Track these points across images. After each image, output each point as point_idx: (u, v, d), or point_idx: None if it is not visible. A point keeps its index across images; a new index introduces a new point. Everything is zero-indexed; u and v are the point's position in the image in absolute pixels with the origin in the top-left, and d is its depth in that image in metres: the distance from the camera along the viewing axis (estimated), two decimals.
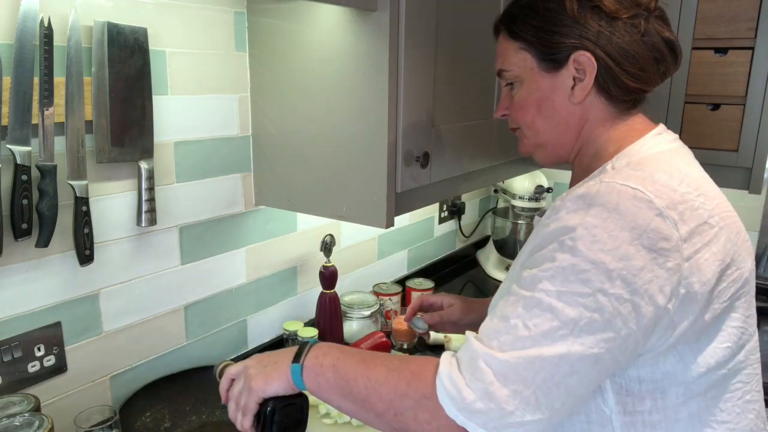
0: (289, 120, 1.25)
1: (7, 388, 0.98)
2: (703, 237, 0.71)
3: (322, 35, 1.15)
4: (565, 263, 0.68)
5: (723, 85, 1.50)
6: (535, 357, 0.66)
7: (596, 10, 0.80)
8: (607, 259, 0.67)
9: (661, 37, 0.81)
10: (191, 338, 1.29)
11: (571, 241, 0.68)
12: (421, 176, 1.22)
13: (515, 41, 0.87)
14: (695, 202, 0.72)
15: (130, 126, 1.07)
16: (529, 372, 0.66)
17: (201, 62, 1.20)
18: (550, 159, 0.92)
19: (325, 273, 1.45)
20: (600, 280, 0.67)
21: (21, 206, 0.93)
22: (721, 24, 1.47)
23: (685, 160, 0.80)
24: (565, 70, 0.83)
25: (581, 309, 0.67)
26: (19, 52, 0.90)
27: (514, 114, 0.91)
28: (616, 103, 0.84)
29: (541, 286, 0.69)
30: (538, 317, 0.68)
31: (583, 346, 0.66)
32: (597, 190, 0.70)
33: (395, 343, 1.57)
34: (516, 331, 0.68)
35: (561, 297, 0.67)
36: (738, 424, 0.77)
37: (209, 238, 1.29)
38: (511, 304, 0.71)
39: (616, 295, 0.66)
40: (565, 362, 0.66)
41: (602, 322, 0.66)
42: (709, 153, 1.55)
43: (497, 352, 0.68)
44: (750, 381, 0.79)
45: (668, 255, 0.68)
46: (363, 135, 1.14)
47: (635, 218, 0.68)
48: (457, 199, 2.19)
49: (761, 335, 1.76)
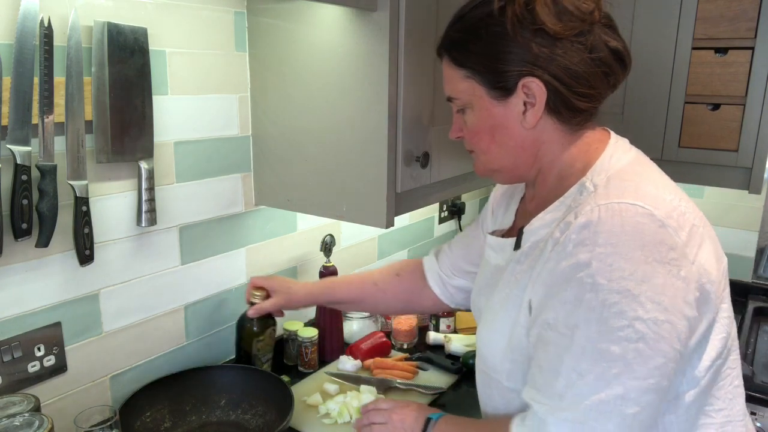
0: (289, 120, 1.25)
1: (7, 388, 0.98)
2: (697, 239, 0.71)
3: (322, 35, 1.15)
4: (593, 303, 0.67)
5: (723, 85, 1.50)
6: (599, 403, 0.66)
7: (540, 32, 0.76)
8: (630, 285, 0.66)
9: (608, 48, 0.78)
10: (191, 338, 1.29)
11: (590, 278, 0.67)
12: (421, 176, 1.22)
13: (460, 69, 0.83)
14: (681, 207, 0.72)
15: (130, 126, 1.07)
16: (600, 422, 0.67)
17: (201, 62, 1.20)
18: (507, 181, 0.93)
19: (325, 273, 1.45)
20: (632, 308, 0.65)
21: (21, 206, 0.93)
22: (721, 24, 1.47)
23: (653, 167, 0.81)
24: (515, 97, 0.80)
25: (625, 343, 0.66)
26: (19, 52, 0.90)
27: (468, 138, 0.89)
28: (568, 123, 0.82)
29: (580, 333, 0.68)
30: (587, 363, 0.67)
31: (638, 380, 0.66)
32: (598, 216, 0.69)
33: (395, 343, 1.57)
34: (571, 383, 0.68)
35: (602, 337, 0.67)
36: (732, 410, 0.79)
37: (209, 238, 1.29)
38: (556, 356, 0.71)
39: (652, 319, 0.66)
40: (629, 401, 0.66)
41: (649, 350, 0.66)
42: (709, 153, 1.55)
43: (561, 411, 0.69)
44: (735, 366, 0.81)
45: (679, 264, 0.68)
46: (363, 135, 1.14)
47: (643, 235, 0.67)
48: (457, 199, 2.19)
49: (761, 335, 1.76)
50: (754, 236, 1.98)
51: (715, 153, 1.54)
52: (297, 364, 1.44)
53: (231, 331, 1.36)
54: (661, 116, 1.59)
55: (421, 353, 1.53)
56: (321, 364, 1.44)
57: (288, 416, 1.08)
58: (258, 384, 1.21)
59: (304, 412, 1.22)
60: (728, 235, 2.01)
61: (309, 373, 1.40)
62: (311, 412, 1.23)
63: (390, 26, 1.07)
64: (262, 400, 1.20)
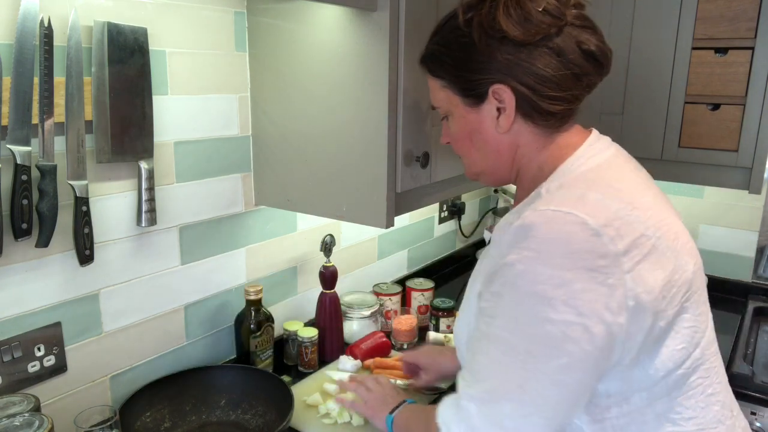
0: (289, 120, 1.25)
1: (7, 388, 0.98)
2: (642, 249, 0.72)
3: (322, 35, 1.15)
4: (510, 300, 0.73)
5: (723, 85, 1.50)
6: (500, 387, 0.73)
7: (504, 40, 0.79)
8: (546, 289, 0.70)
9: (580, 50, 0.79)
10: (191, 338, 1.29)
11: (513, 278, 0.72)
12: (421, 176, 1.22)
13: (437, 79, 0.89)
14: (630, 217, 0.73)
15: (130, 126, 1.07)
16: (497, 404, 0.73)
17: (201, 62, 1.20)
18: (492, 183, 0.96)
19: (325, 273, 1.45)
20: (543, 310, 0.70)
21: (21, 206, 0.93)
22: (721, 24, 1.48)
23: (618, 173, 0.81)
24: (488, 104, 0.84)
25: (529, 339, 0.71)
26: (19, 52, 0.90)
27: (452, 144, 0.94)
28: (543, 126, 0.84)
29: (496, 323, 0.74)
30: (497, 351, 0.74)
31: (539, 374, 0.71)
32: (531, 221, 0.72)
33: (395, 343, 1.57)
34: (482, 367, 0.76)
35: (512, 331, 0.72)
36: (704, 418, 0.80)
37: (209, 238, 1.29)
38: (477, 340, 0.78)
39: (563, 321, 0.69)
40: (527, 390, 0.71)
41: (553, 348, 0.70)
42: (709, 153, 1.55)
43: (471, 388, 0.76)
44: (709, 375, 0.81)
45: (607, 272, 0.69)
46: (363, 135, 1.14)
47: (570, 243, 0.70)
48: (457, 199, 2.19)
49: (761, 335, 1.76)
50: (754, 236, 1.98)
51: (715, 153, 1.54)
52: (297, 364, 1.44)
53: (231, 331, 1.37)
54: (661, 116, 1.59)
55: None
56: (321, 364, 1.44)
57: (288, 416, 1.08)
58: (258, 384, 1.22)
59: (304, 412, 1.23)
60: (728, 235, 2.01)
61: (309, 373, 1.40)
62: (311, 412, 1.23)
63: (390, 26, 1.07)
64: (262, 400, 1.20)
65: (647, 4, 1.56)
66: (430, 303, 1.69)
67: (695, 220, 2.05)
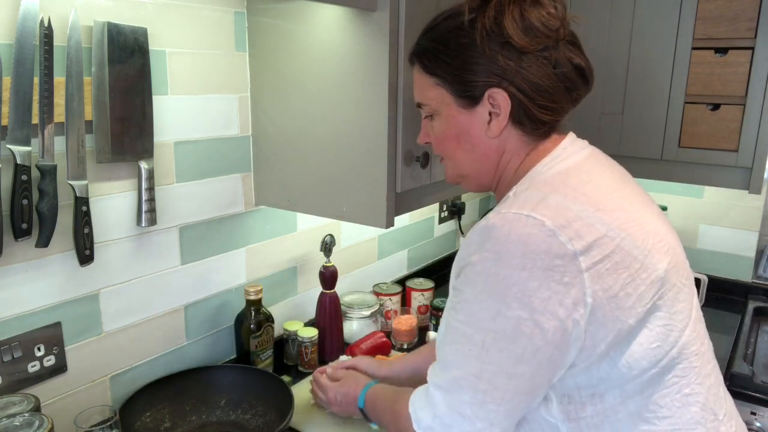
0: (289, 120, 1.25)
1: (7, 388, 0.98)
2: (603, 249, 0.73)
3: (322, 35, 1.15)
4: (470, 296, 0.77)
5: (723, 85, 1.50)
6: (459, 377, 0.77)
7: (506, 45, 0.80)
8: (501, 287, 0.73)
9: (572, 64, 0.83)
10: (191, 338, 1.29)
11: (474, 276, 0.76)
12: (421, 176, 1.22)
13: (430, 77, 0.88)
14: (591, 219, 0.75)
15: (130, 126, 1.07)
16: (458, 392, 0.77)
17: (201, 62, 1.20)
18: (474, 188, 0.96)
19: (325, 273, 1.45)
20: (497, 306, 0.73)
21: (21, 206, 0.93)
22: (721, 24, 1.48)
23: (585, 176, 0.82)
24: (481, 107, 0.84)
25: (484, 332, 0.75)
26: (19, 52, 0.90)
27: (435, 145, 0.94)
28: (530, 134, 0.86)
29: (457, 317, 0.78)
30: (457, 342, 0.78)
31: (493, 365, 0.74)
32: (493, 223, 0.75)
33: (395, 343, 1.57)
34: (446, 356, 0.80)
35: (470, 325, 0.76)
36: (680, 418, 0.79)
37: (209, 238, 1.29)
38: (443, 332, 0.82)
39: (515, 317, 0.72)
40: (483, 380, 0.75)
41: (506, 341, 0.73)
42: (709, 153, 1.55)
43: (438, 377, 0.80)
44: (686, 375, 0.80)
45: (563, 270, 0.71)
46: (363, 135, 1.14)
47: (527, 244, 0.72)
48: (457, 199, 2.19)
49: (761, 335, 1.76)
50: (754, 236, 1.98)
51: (715, 153, 1.54)
52: (297, 364, 1.44)
53: (231, 331, 1.37)
54: (661, 116, 1.59)
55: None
56: (321, 363, 1.44)
57: (288, 416, 1.08)
58: (258, 384, 1.22)
59: (304, 412, 1.23)
60: (728, 235, 2.01)
61: (309, 373, 1.40)
62: (311, 412, 1.23)
63: (390, 26, 1.07)
64: (262, 400, 1.20)
65: (647, 4, 1.56)
66: (430, 303, 1.69)
67: (695, 220, 2.05)
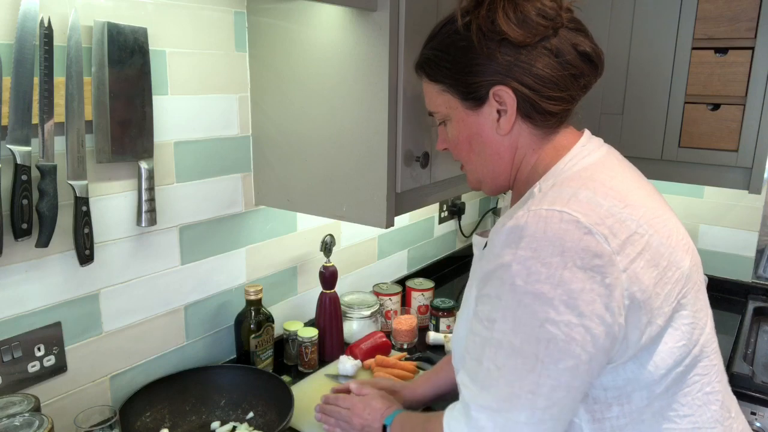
0: (289, 120, 1.25)
1: (7, 388, 0.98)
2: (635, 246, 0.72)
3: (322, 35, 1.15)
4: (510, 301, 0.71)
5: (723, 85, 1.50)
6: (512, 396, 0.71)
7: (504, 42, 0.80)
8: (545, 289, 0.69)
9: (576, 51, 0.81)
10: (191, 338, 1.29)
11: (510, 278, 0.71)
12: (421, 176, 1.22)
13: (435, 84, 0.89)
14: (622, 214, 0.73)
15: (130, 126, 1.07)
16: (511, 412, 0.72)
17: (201, 62, 1.20)
18: (494, 191, 0.95)
19: (325, 273, 1.45)
20: (544, 310, 0.69)
21: (21, 206, 0.93)
22: (721, 24, 1.48)
23: (610, 172, 0.81)
24: (488, 106, 0.84)
25: (536, 342, 0.69)
26: (19, 52, 0.90)
27: (452, 150, 0.94)
28: (542, 127, 0.85)
29: (498, 327, 0.72)
30: (503, 356, 0.72)
31: (549, 378, 0.70)
32: (525, 221, 0.72)
33: (395, 343, 1.57)
34: (489, 373, 0.73)
35: (516, 335, 0.71)
36: (701, 417, 0.79)
37: (209, 238, 1.29)
38: (479, 346, 0.75)
39: (564, 322, 0.68)
40: (540, 396, 0.70)
41: (559, 351, 0.69)
42: (709, 153, 1.55)
43: (480, 397, 0.74)
44: (708, 373, 0.80)
45: (604, 271, 0.69)
46: (363, 135, 1.14)
47: (564, 241, 0.69)
48: (457, 199, 2.19)
49: (761, 335, 1.76)
50: (754, 236, 1.98)
51: (715, 153, 1.54)
52: (297, 364, 1.44)
53: (231, 331, 1.37)
54: (661, 116, 1.59)
55: (421, 353, 1.53)
56: (321, 364, 1.44)
57: (288, 416, 1.08)
58: (258, 384, 1.22)
59: (304, 412, 1.23)
60: (728, 235, 2.01)
61: (309, 373, 1.40)
62: (311, 412, 1.23)
63: (390, 26, 1.07)
64: (262, 400, 1.20)
65: (647, 3, 1.56)
66: (430, 303, 1.69)
67: (695, 220, 2.05)
